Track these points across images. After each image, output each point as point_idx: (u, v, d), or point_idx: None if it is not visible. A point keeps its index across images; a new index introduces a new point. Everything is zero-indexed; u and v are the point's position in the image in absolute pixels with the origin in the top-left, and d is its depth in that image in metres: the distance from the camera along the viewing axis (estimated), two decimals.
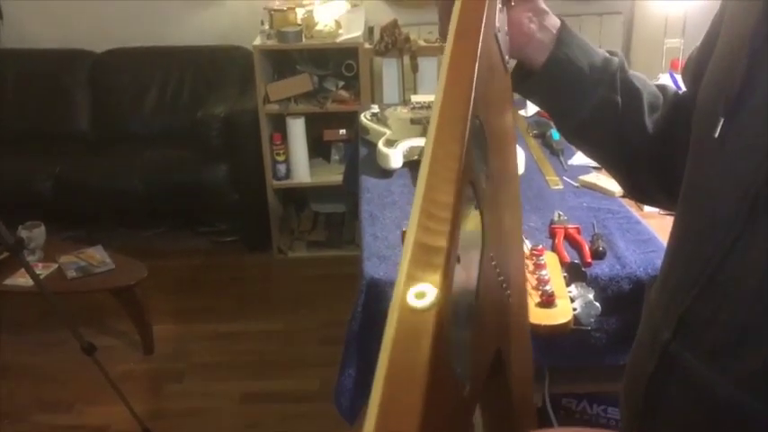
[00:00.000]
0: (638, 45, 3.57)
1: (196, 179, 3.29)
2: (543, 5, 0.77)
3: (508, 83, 0.72)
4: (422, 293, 0.33)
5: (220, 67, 3.57)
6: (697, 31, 0.79)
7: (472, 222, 0.44)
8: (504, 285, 0.56)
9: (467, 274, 0.41)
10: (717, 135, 0.61)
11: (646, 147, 0.78)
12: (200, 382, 2.58)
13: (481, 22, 0.50)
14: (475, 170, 0.44)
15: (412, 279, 0.34)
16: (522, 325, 0.71)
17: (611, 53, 0.79)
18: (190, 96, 3.56)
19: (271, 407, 2.45)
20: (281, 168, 3.27)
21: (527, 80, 0.78)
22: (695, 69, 0.74)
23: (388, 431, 0.28)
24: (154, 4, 3.57)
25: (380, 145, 1.85)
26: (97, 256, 2.68)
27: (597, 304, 1.12)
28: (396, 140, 1.87)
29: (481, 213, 0.45)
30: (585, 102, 0.77)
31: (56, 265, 2.60)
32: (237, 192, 3.31)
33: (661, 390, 0.65)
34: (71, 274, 2.56)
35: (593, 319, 1.11)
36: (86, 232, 3.38)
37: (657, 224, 1.54)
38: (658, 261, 1.03)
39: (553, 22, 0.77)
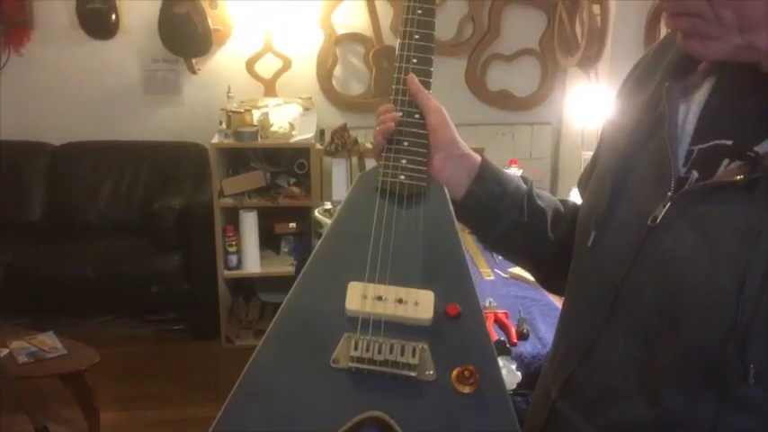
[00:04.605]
0: (565, 153, 3.94)
1: (149, 269, 3.39)
2: (460, 150, 0.92)
3: None
4: None
5: (177, 161, 3.74)
6: None
7: None
8: None
9: None
10: (590, 244, 0.78)
11: (549, 251, 0.95)
12: None
13: None
14: None
15: None
16: None
17: (524, 179, 0.96)
18: (145, 189, 3.70)
19: None
20: (233, 259, 3.41)
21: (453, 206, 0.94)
22: (585, 185, 0.92)
23: None
24: (117, 102, 3.76)
25: None
26: (48, 342, 2.72)
27: (519, 373, 1.31)
28: None
29: None
30: (498, 225, 0.94)
31: (6, 350, 2.63)
32: (188, 281, 3.41)
33: None
34: (22, 359, 2.59)
35: (514, 386, 1.30)
36: (34, 320, 3.40)
37: None
38: None
39: (470, 163, 0.91)
